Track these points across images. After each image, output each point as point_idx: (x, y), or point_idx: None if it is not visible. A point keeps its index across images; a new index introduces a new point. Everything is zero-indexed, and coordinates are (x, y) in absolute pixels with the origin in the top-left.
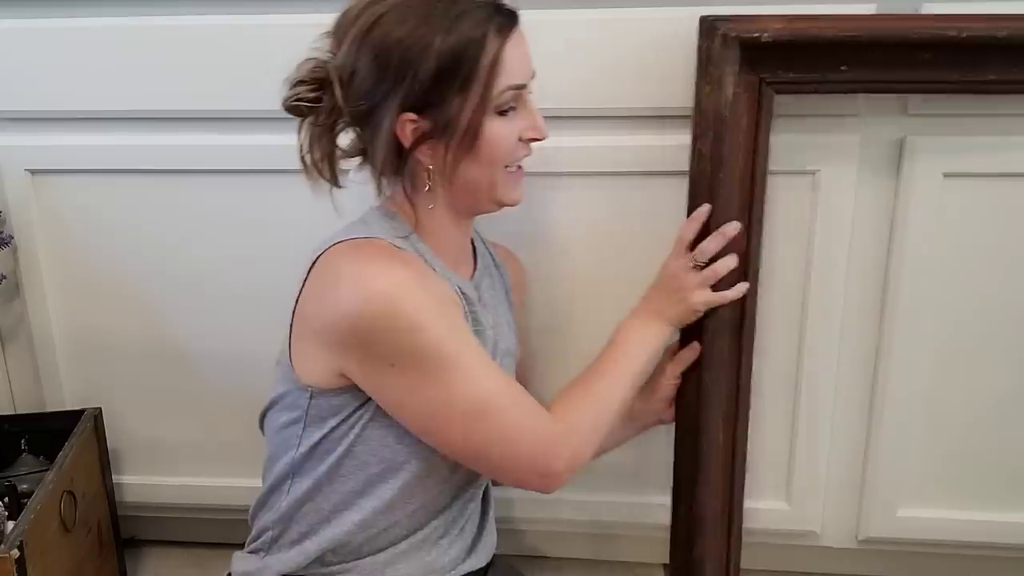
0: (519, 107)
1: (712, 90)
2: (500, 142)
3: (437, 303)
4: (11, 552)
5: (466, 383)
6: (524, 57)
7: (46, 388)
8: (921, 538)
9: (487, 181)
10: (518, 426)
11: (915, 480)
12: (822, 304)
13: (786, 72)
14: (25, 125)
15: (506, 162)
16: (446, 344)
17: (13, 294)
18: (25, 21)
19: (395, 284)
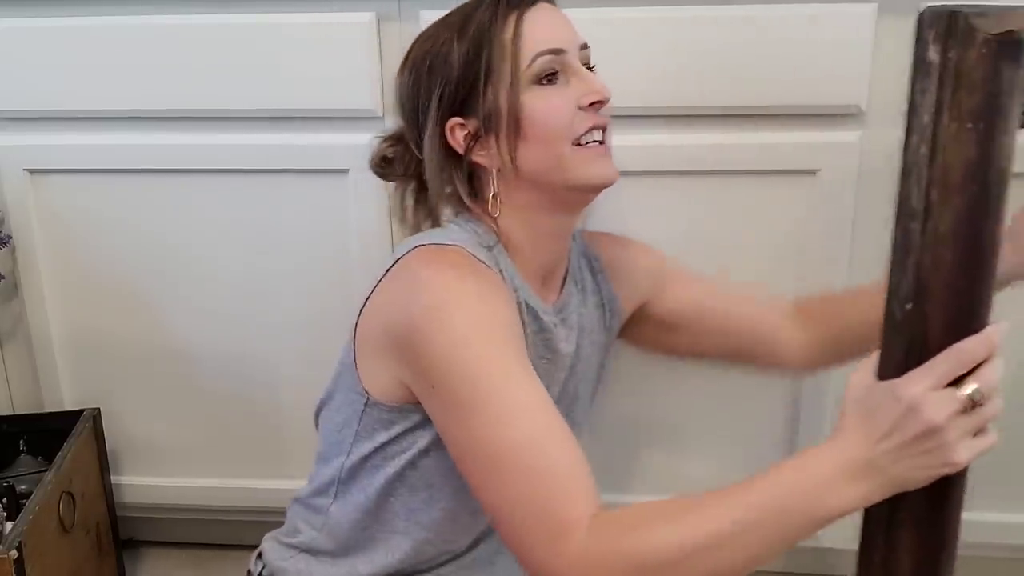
0: (568, 75)
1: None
2: (549, 114)
3: (494, 326)
4: (10, 553)
5: (494, 425)
6: (553, 24)
7: (45, 388)
8: None
9: (553, 163)
10: (531, 500)
11: None
12: None
13: None
14: (24, 125)
15: (566, 135)
16: (485, 371)
17: (12, 294)
18: (25, 21)
19: (454, 295)
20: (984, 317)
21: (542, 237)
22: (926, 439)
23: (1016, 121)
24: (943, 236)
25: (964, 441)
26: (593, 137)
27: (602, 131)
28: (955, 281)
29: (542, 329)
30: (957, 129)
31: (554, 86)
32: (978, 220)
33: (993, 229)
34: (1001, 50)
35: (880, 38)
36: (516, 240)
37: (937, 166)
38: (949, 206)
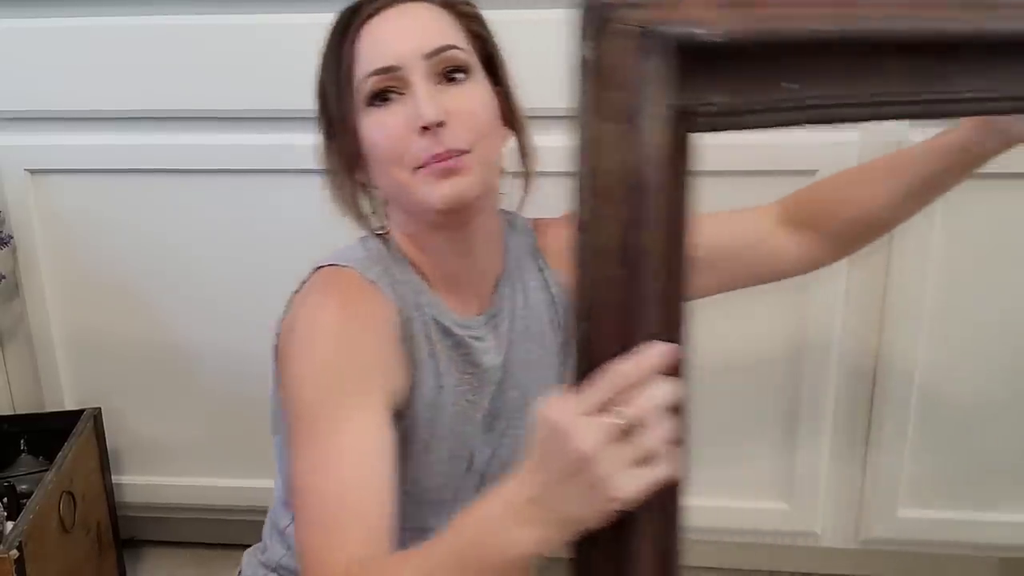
0: (406, 94)
1: (623, 130)
2: (377, 139)
3: (344, 369)
4: (10, 552)
5: (308, 468)
6: (393, 35)
7: (45, 388)
8: (921, 539)
9: (396, 188)
10: (311, 543)
11: (916, 481)
12: (822, 304)
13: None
14: (25, 125)
15: (400, 161)
16: (316, 416)
17: (12, 294)
18: (25, 21)
19: (315, 331)
20: (651, 336)
21: (440, 253)
22: (580, 471)
23: (667, 120)
24: (605, 250)
25: (623, 472)
26: (434, 155)
27: (455, 152)
28: (620, 298)
29: (458, 344)
30: (608, 131)
31: (387, 107)
32: (639, 230)
33: (660, 238)
34: (643, 43)
35: None
36: (414, 256)
37: (593, 172)
38: (609, 216)
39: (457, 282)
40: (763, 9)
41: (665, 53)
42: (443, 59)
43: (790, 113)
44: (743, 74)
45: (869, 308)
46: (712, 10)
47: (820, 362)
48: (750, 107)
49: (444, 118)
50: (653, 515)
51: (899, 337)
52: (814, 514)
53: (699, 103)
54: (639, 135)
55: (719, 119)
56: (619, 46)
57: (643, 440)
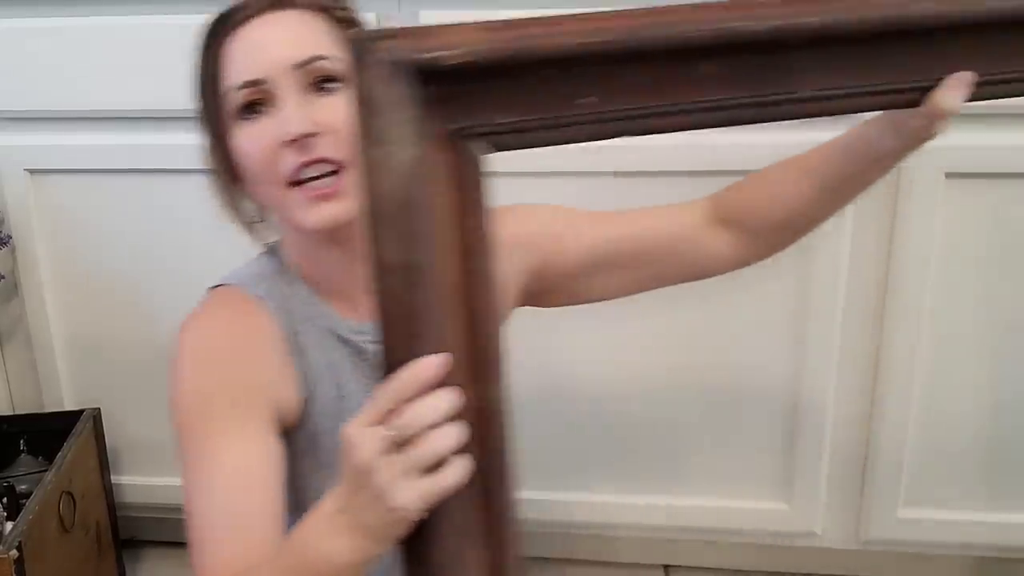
0: (276, 107)
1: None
2: (249, 151)
3: (216, 395)
4: (10, 553)
5: (191, 491)
6: (259, 46)
7: (45, 388)
8: (921, 539)
9: (272, 204)
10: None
11: (916, 481)
12: (822, 304)
13: (499, 116)
14: (25, 125)
15: (270, 177)
16: (193, 441)
17: (12, 294)
18: (25, 21)
19: (190, 356)
20: (436, 349)
21: (329, 264)
22: (364, 481)
23: (427, 141)
24: (388, 267)
25: (402, 483)
26: (309, 174)
27: (329, 167)
28: (402, 312)
29: (358, 351)
30: (375, 155)
31: (256, 121)
32: (411, 249)
33: (434, 254)
34: (391, 71)
35: None
36: (305, 266)
37: (369, 194)
38: (384, 235)
39: (352, 289)
40: (534, 28)
41: (410, 78)
42: (313, 69)
43: (592, 127)
44: (534, 92)
45: (869, 308)
46: (470, 34)
47: (820, 362)
48: (544, 124)
49: (314, 130)
50: (452, 523)
51: (899, 337)
52: (814, 514)
53: (480, 123)
54: (397, 157)
55: (510, 137)
56: (375, 75)
57: (416, 451)
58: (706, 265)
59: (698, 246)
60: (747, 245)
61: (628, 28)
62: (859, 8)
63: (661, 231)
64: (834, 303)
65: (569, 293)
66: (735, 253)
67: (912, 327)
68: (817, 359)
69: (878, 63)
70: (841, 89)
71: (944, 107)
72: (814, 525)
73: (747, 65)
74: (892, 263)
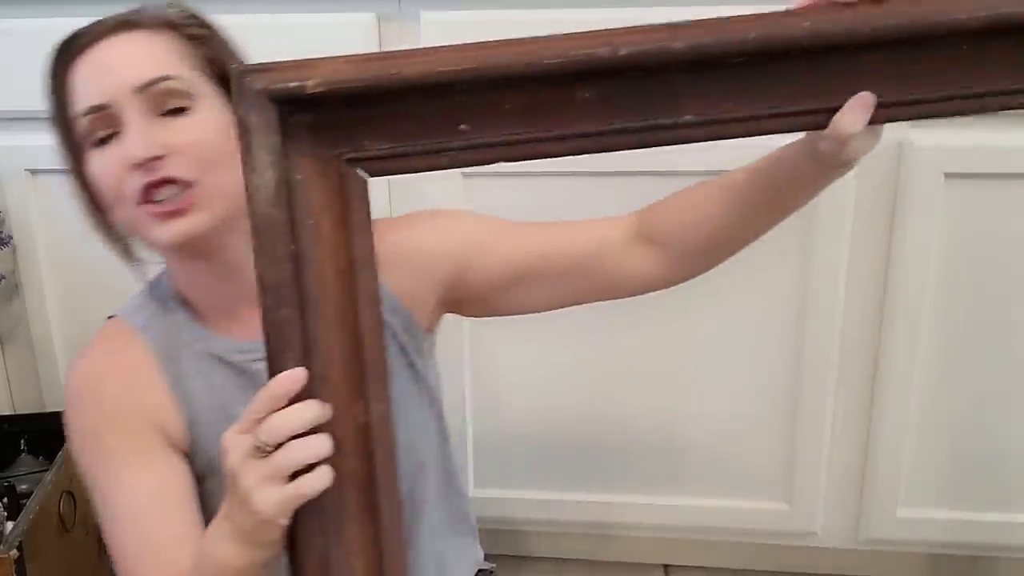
0: (123, 132)
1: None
2: (99, 178)
3: (102, 430)
4: (10, 552)
5: (107, 524)
6: (97, 77)
7: (45, 388)
8: (921, 539)
9: (128, 224)
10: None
11: (915, 481)
12: (822, 304)
13: (377, 142)
14: (25, 125)
15: (121, 199)
16: (97, 478)
17: (12, 294)
18: (25, 21)
19: (75, 396)
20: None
21: (203, 282)
22: (233, 486)
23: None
24: (267, 284)
25: (263, 488)
26: (158, 196)
27: (177, 187)
28: (281, 328)
29: (242, 372)
30: (249, 178)
31: (106, 148)
32: (286, 267)
33: (312, 276)
34: (254, 99)
35: None
36: (184, 288)
37: (250, 215)
38: (264, 255)
39: (232, 306)
40: (400, 58)
41: (280, 106)
42: (158, 91)
43: (468, 153)
44: (405, 120)
45: (869, 307)
46: (336, 65)
47: (820, 362)
48: (419, 150)
49: (159, 152)
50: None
51: (899, 337)
52: (814, 514)
53: (356, 149)
54: (269, 179)
55: (388, 162)
56: (249, 104)
57: (276, 458)
58: (626, 283)
59: (619, 263)
60: (668, 264)
61: (489, 56)
62: (730, 30)
63: (583, 245)
64: (834, 303)
65: (488, 304)
66: (656, 272)
67: (912, 327)
68: (817, 358)
69: (771, 86)
70: (732, 113)
71: (843, 129)
72: (814, 525)
73: (626, 90)
74: (892, 263)
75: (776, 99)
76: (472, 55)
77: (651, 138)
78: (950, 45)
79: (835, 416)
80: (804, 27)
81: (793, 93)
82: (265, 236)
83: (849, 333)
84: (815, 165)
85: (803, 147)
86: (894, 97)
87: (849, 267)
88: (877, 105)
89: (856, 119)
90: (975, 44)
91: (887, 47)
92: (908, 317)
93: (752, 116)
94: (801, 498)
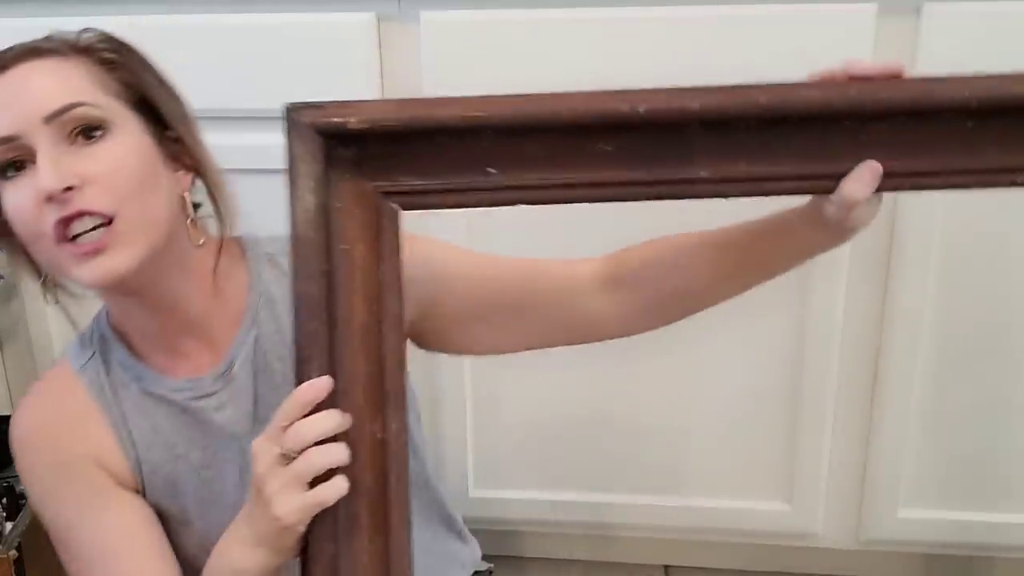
0: (35, 163)
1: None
2: (12, 213)
3: (49, 477)
4: (9, 553)
5: (71, 564)
6: (4, 107)
7: None
8: (921, 539)
9: (47, 263)
10: None
11: (916, 481)
12: (822, 304)
13: (411, 178)
14: None
15: (39, 234)
16: (58, 526)
17: (11, 294)
18: (26, 21)
19: (19, 447)
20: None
21: (137, 317)
22: (257, 491)
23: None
24: (299, 297)
25: (284, 493)
26: (76, 230)
27: (96, 219)
28: (309, 341)
29: (183, 410)
30: (294, 201)
31: (17, 179)
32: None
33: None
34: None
35: (880, 38)
36: (121, 325)
37: (291, 236)
38: (299, 271)
39: (172, 339)
40: (438, 104)
41: (326, 140)
42: (69, 119)
43: (496, 193)
44: (437, 160)
45: (869, 308)
46: (380, 106)
47: (820, 363)
48: (449, 187)
49: (73, 182)
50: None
51: (899, 337)
52: (814, 514)
53: (392, 184)
54: (309, 204)
55: (416, 197)
56: (297, 137)
57: (297, 465)
58: (587, 326)
59: (584, 304)
60: (633, 312)
61: (517, 105)
62: (744, 94)
63: (550, 282)
64: (834, 302)
65: (448, 338)
66: (619, 319)
67: (912, 328)
68: (817, 358)
69: (782, 149)
70: (744, 173)
71: (850, 194)
72: (814, 525)
73: (643, 145)
74: (892, 263)
75: (787, 162)
76: (502, 104)
77: (666, 191)
78: (953, 122)
79: (835, 417)
80: (813, 95)
81: (803, 157)
82: (302, 255)
83: (849, 334)
84: (814, 231)
85: (804, 212)
86: (899, 168)
87: (849, 268)
88: (883, 175)
89: (863, 186)
90: (977, 122)
91: (892, 119)
92: (908, 318)
93: (763, 177)
94: (801, 498)
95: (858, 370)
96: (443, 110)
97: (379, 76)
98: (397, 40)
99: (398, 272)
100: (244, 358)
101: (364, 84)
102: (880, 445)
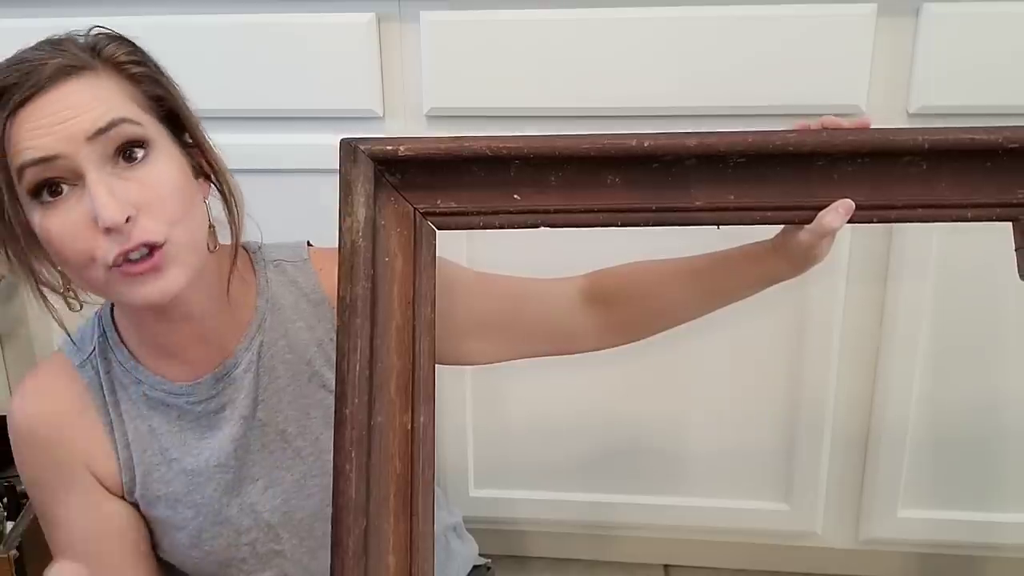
0: (79, 185)
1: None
2: (58, 238)
3: (39, 473)
4: (10, 553)
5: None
6: (43, 129)
7: None
8: (921, 539)
9: (94, 286)
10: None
11: (915, 481)
12: (822, 303)
13: (447, 202)
14: None
15: (91, 261)
16: (45, 514)
17: (12, 294)
18: (26, 21)
19: (15, 437)
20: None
21: (152, 327)
22: None
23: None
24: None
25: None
26: (131, 257)
27: (150, 248)
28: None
29: (180, 413)
30: (345, 220)
31: (59, 203)
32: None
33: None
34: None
35: (880, 38)
36: (127, 329)
37: (340, 250)
38: (346, 279)
39: (182, 346)
40: (474, 140)
41: (376, 166)
42: (112, 137)
43: (521, 216)
44: (471, 186)
45: (869, 307)
46: (424, 140)
47: (820, 362)
48: (480, 210)
49: (131, 213)
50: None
51: (899, 337)
52: (814, 514)
53: (431, 206)
54: (358, 220)
55: (451, 218)
56: (352, 162)
57: None
58: (567, 340)
59: (569, 321)
60: (611, 328)
61: (540, 141)
62: (734, 135)
63: (533, 301)
64: (834, 302)
65: (443, 351)
66: (595, 333)
67: (912, 327)
68: (817, 358)
69: (767, 184)
70: (734, 203)
71: (826, 224)
72: (814, 525)
73: (647, 177)
74: (892, 263)
75: (770, 194)
76: (527, 141)
77: (666, 218)
78: (910, 164)
79: (835, 416)
80: (790, 137)
81: (784, 191)
82: (349, 261)
83: (849, 333)
84: (778, 260)
85: (772, 243)
86: (865, 202)
87: (849, 267)
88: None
89: (838, 217)
90: (931, 164)
91: (858, 160)
92: (908, 317)
93: (750, 207)
94: (800, 497)
95: (857, 370)
96: (476, 143)
97: (379, 76)
98: (397, 40)
99: (432, 283)
100: (247, 363)
101: (364, 84)
102: (880, 445)
